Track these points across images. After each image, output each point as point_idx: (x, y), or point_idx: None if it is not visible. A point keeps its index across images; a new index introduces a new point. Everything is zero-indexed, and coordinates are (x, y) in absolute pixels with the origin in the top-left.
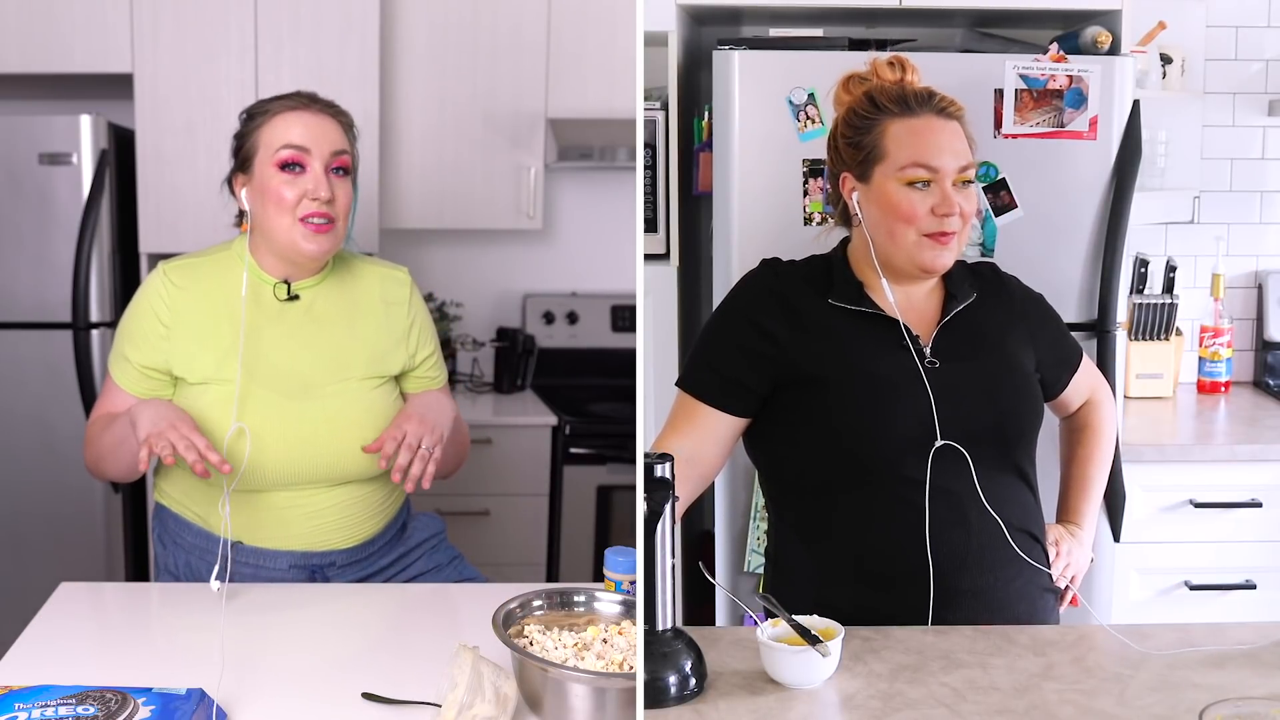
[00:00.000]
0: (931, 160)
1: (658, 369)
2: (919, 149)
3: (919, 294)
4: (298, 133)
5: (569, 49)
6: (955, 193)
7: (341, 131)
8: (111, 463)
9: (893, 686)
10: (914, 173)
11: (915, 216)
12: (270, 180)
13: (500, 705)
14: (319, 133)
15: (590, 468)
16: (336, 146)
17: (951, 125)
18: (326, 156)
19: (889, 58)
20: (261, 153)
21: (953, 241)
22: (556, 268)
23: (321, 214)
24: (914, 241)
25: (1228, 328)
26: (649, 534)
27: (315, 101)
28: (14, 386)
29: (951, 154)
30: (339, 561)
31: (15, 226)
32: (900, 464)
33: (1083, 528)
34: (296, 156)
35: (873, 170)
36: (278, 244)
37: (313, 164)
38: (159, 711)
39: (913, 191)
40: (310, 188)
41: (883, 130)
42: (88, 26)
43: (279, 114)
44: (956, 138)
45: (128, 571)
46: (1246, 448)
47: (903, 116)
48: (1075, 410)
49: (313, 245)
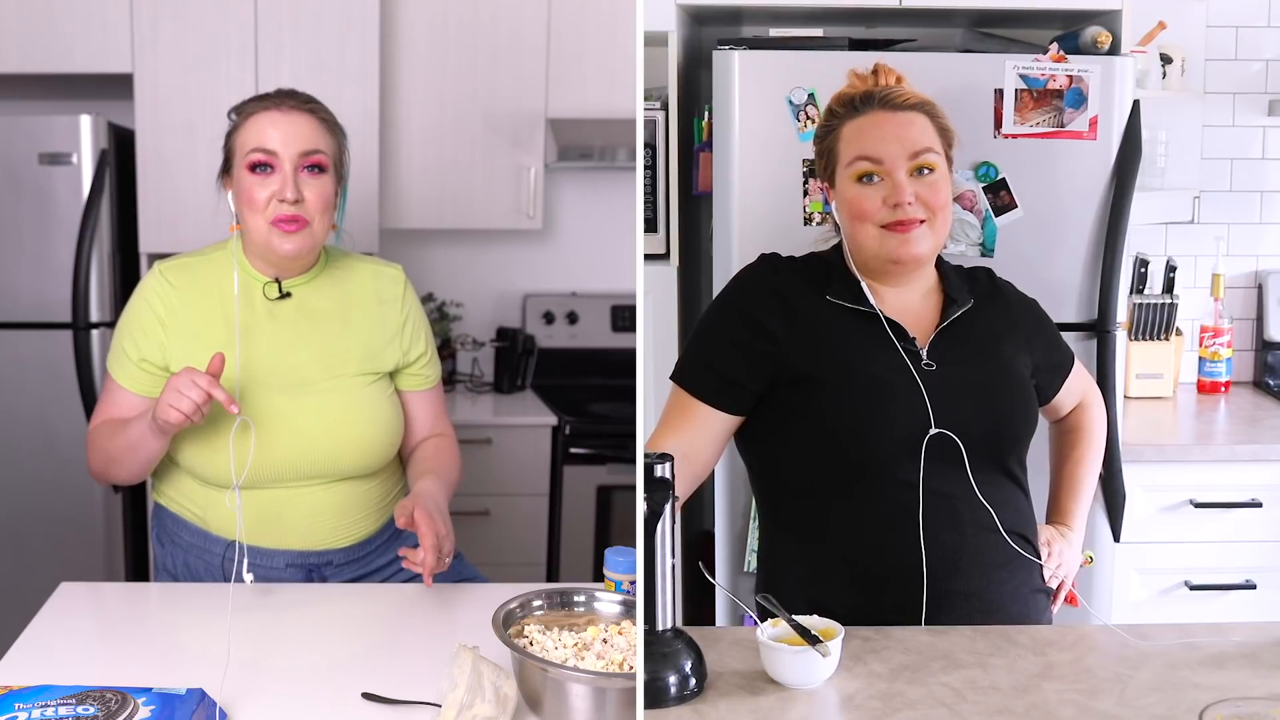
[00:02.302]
0: (873, 151)
1: (658, 369)
2: (862, 143)
3: (917, 297)
4: (268, 135)
5: (569, 49)
6: (913, 181)
7: (318, 128)
8: (126, 464)
9: (893, 686)
10: (860, 166)
11: (868, 211)
12: (243, 182)
13: (500, 705)
14: (289, 133)
15: (590, 468)
16: (307, 146)
17: (902, 115)
18: (295, 157)
19: (867, 66)
20: (237, 155)
21: (916, 230)
22: (556, 268)
23: (289, 216)
24: (874, 236)
25: (1228, 328)
26: (649, 534)
27: (291, 98)
28: (14, 386)
29: (897, 142)
30: (336, 560)
31: (15, 226)
32: (894, 466)
33: (1074, 529)
34: (264, 159)
35: (835, 174)
36: (256, 244)
37: (281, 165)
38: (159, 711)
39: (864, 187)
40: (277, 189)
41: (837, 134)
42: (88, 26)
43: (253, 115)
44: (906, 127)
45: (128, 571)
46: (1246, 448)
47: (851, 117)
48: (1067, 414)
49: (287, 245)
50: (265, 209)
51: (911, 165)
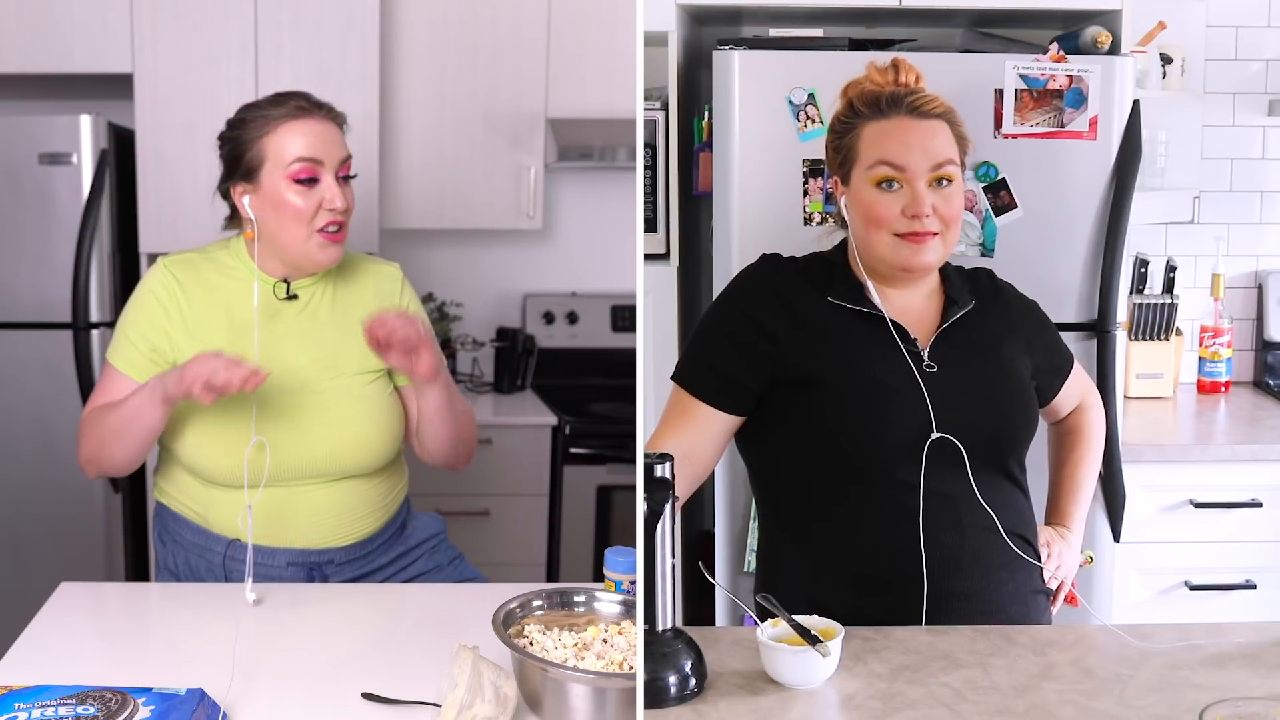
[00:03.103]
0: (897, 158)
1: (658, 369)
2: (885, 148)
3: (919, 298)
4: (309, 144)
5: (569, 49)
6: (931, 193)
7: (341, 135)
8: (119, 444)
9: (893, 686)
10: (880, 171)
11: (885, 219)
12: (284, 193)
13: (500, 705)
14: (328, 141)
15: (590, 468)
16: (344, 153)
17: (927, 124)
18: (336, 165)
19: (886, 60)
20: (270, 164)
21: (931, 241)
22: (556, 268)
23: (337, 223)
24: (888, 243)
25: (1228, 328)
26: (649, 534)
27: (316, 106)
28: (14, 386)
29: (921, 151)
30: (337, 559)
31: (15, 226)
32: (894, 467)
33: (1073, 530)
34: (311, 170)
35: (851, 173)
36: (290, 254)
37: (325, 175)
38: (159, 711)
39: (883, 193)
40: (326, 198)
41: (858, 133)
42: (88, 26)
43: (284, 122)
44: (931, 136)
45: (128, 571)
46: (1246, 448)
47: (875, 119)
48: (1066, 415)
49: (327, 254)
50: (312, 219)
51: (932, 176)
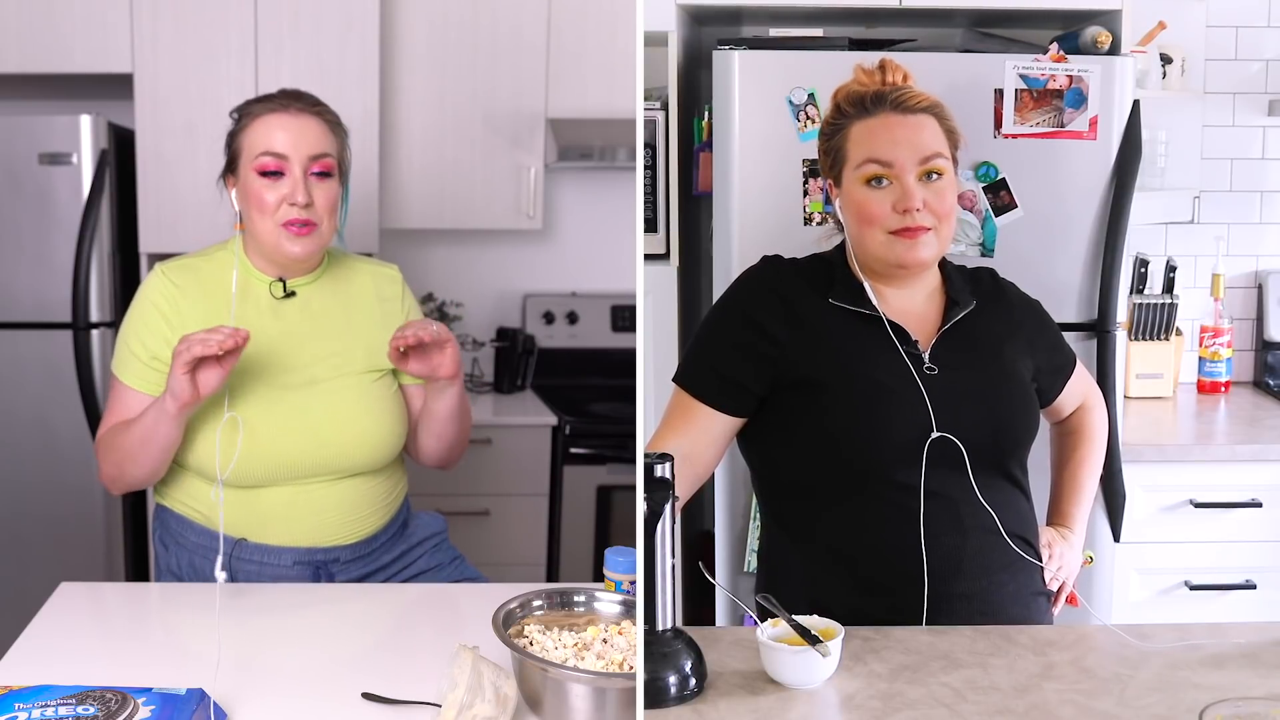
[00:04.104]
0: (884, 154)
1: (658, 369)
2: (872, 145)
3: (920, 299)
4: (277, 138)
5: (569, 49)
6: (921, 187)
7: (325, 131)
8: (140, 460)
9: (893, 687)
10: (869, 169)
11: (877, 216)
12: (252, 185)
13: (500, 705)
14: (299, 136)
15: (590, 468)
16: (316, 150)
17: (913, 119)
18: (305, 161)
19: (873, 62)
20: (244, 156)
21: (925, 236)
22: (556, 268)
23: (300, 219)
24: (882, 241)
25: (1228, 328)
26: (649, 534)
27: (299, 100)
28: (14, 386)
29: (908, 146)
30: (343, 558)
31: (15, 226)
32: (895, 469)
33: (1074, 531)
34: (275, 164)
35: (842, 174)
36: (265, 246)
37: (291, 169)
38: (159, 711)
39: (873, 190)
40: (288, 193)
41: (845, 134)
42: (88, 26)
43: (260, 117)
44: (917, 130)
45: (128, 571)
46: (1246, 448)
47: (861, 118)
48: (1068, 415)
49: (296, 248)
50: (275, 212)
51: (921, 170)
